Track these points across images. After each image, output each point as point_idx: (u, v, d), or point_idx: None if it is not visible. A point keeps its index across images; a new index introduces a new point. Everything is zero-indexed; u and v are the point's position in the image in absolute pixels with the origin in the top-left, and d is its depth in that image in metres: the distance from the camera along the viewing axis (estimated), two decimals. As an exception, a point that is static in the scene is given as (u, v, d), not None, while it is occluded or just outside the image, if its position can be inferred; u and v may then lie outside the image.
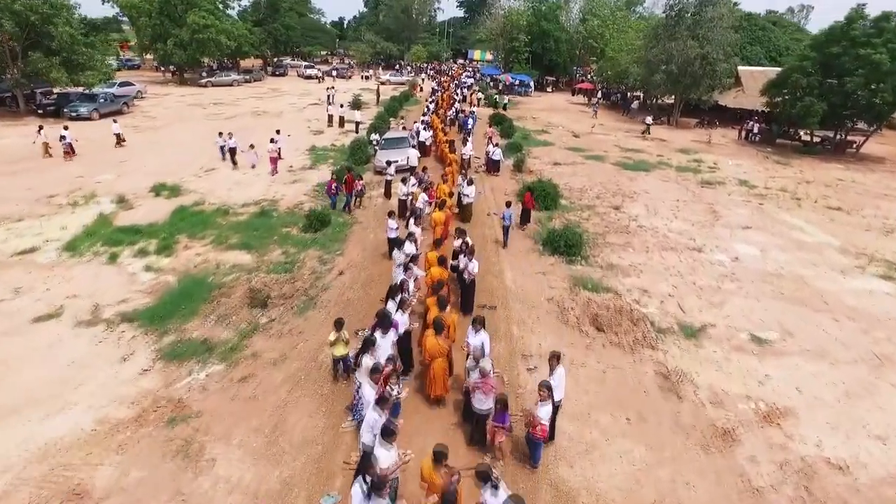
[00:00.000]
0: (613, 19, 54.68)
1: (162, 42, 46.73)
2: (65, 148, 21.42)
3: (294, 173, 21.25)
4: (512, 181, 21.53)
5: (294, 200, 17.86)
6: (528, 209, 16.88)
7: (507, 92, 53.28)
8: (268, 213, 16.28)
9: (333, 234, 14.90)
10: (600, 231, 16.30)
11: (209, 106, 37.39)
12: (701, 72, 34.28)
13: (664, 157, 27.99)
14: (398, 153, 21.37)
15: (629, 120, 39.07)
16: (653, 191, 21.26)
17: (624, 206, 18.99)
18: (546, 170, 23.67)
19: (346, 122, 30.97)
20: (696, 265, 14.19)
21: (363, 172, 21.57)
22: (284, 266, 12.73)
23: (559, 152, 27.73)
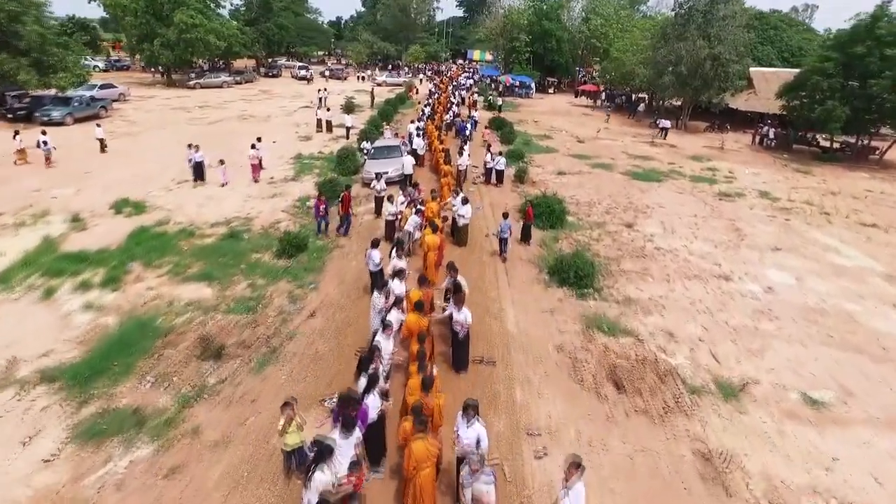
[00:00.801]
0: (617, 18, 52.84)
1: (148, 42, 44.87)
2: (45, 154, 20.05)
3: (274, 185, 19.40)
4: (513, 194, 19.68)
5: (270, 218, 16.01)
6: (528, 224, 15.12)
7: (508, 94, 51.51)
8: (238, 235, 14.41)
9: (310, 261, 13.04)
10: (613, 255, 14.44)
11: (194, 109, 35.53)
12: (712, 73, 32.43)
13: (676, 165, 26.13)
14: (389, 163, 19.52)
15: (636, 123, 37.24)
16: (668, 204, 19.40)
17: (638, 223, 17.14)
18: (550, 180, 21.83)
19: (337, 127, 29.10)
20: (726, 298, 12.33)
21: (350, 185, 19.82)
22: (247, 304, 10.88)
23: (563, 160, 25.88)
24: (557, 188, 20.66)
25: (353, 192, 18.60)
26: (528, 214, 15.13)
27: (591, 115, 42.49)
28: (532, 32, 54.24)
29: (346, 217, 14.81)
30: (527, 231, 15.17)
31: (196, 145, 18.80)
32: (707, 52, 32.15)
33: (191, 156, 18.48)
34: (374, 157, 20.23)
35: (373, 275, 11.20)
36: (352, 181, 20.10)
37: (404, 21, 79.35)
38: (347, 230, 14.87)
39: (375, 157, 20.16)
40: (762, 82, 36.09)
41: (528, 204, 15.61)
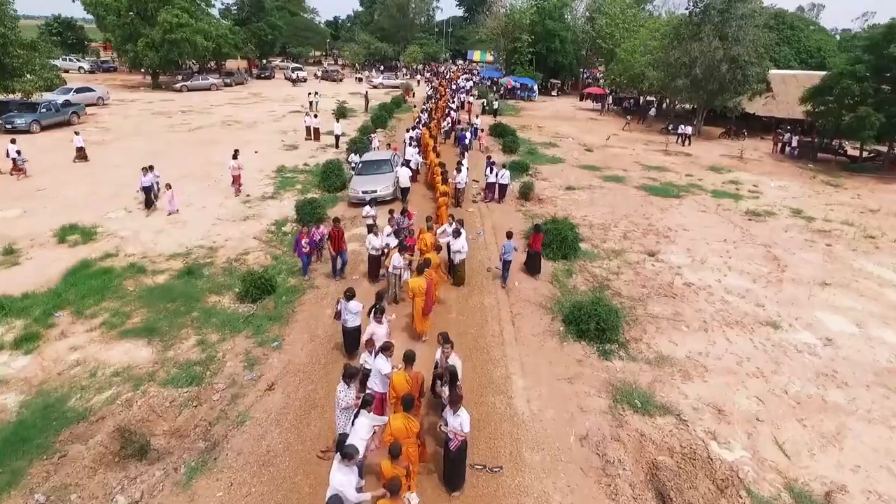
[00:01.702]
0: (623, 18, 50.59)
1: (132, 43, 42.72)
2: (18, 164, 18.65)
3: (249, 205, 17.25)
4: (518, 214, 17.52)
5: (239, 248, 13.86)
6: (536, 253, 12.94)
7: (509, 96, 49.38)
8: (196, 272, 12.26)
9: (277, 307, 10.88)
10: (637, 294, 12.29)
11: (176, 115, 33.38)
12: (729, 76, 30.25)
13: (694, 177, 23.96)
14: (378, 180, 17.40)
15: (647, 130, 35.07)
16: (691, 226, 17.25)
17: (661, 251, 14.98)
18: (559, 197, 19.68)
19: (326, 135, 26.94)
20: (779, 354, 10.17)
21: (335, 203, 17.70)
22: (192, 371, 8.73)
23: (572, 171, 23.72)
24: (567, 207, 18.58)
25: (339, 212, 16.64)
26: (534, 242, 12.87)
27: (599, 119, 40.32)
28: (535, 32, 52.07)
29: (339, 255, 11.95)
30: (534, 261, 13.03)
31: (149, 167, 16.06)
32: (723, 53, 29.99)
33: (141, 179, 15.78)
34: (362, 172, 18.06)
35: (347, 333, 9.06)
36: (336, 199, 18.02)
37: (402, 21, 77.26)
38: (342, 270, 12.23)
39: (363, 173, 18.00)
40: (780, 85, 33.94)
41: (534, 230, 13.36)
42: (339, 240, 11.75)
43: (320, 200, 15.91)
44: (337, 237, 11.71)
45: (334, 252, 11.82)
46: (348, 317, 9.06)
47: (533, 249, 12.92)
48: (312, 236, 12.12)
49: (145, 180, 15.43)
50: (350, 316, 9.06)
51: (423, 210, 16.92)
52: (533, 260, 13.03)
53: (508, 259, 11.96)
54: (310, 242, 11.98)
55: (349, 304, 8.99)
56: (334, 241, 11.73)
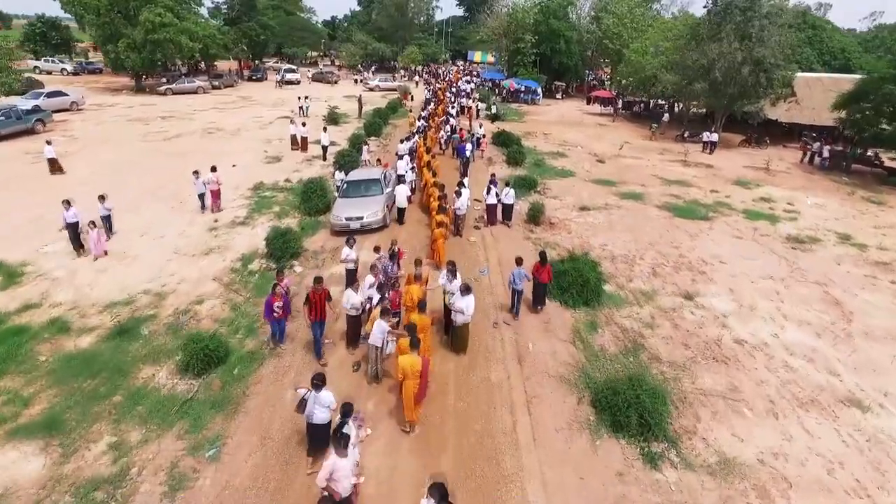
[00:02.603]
0: (632, 17, 48.19)
1: (113, 43, 40.32)
2: None
3: (216, 232, 14.84)
4: (527, 243, 15.10)
5: (193, 293, 11.46)
6: (542, 284, 11.01)
7: (512, 99, 46.98)
8: (133, 331, 9.87)
9: (226, 386, 8.48)
10: (681, 357, 9.89)
11: (155, 121, 30.97)
12: (752, 79, 27.83)
13: (720, 193, 21.54)
14: (365, 204, 14.99)
15: (660, 137, 32.62)
16: (728, 257, 14.84)
17: (699, 292, 12.59)
18: (572, 220, 17.28)
19: (314, 143, 24.52)
20: (878, 455, 7.77)
21: (316, 230, 15.28)
22: (90, 499, 6.34)
23: (584, 187, 21.31)
24: (583, 232, 16.18)
25: (320, 241, 14.26)
26: (540, 273, 10.87)
27: (608, 125, 37.88)
28: (538, 32, 49.62)
29: (319, 325, 8.98)
30: (539, 294, 11.20)
31: (68, 200, 12.90)
32: (746, 54, 27.58)
33: (64, 215, 12.67)
34: (347, 194, 15.64)
35: (313, 430, 6.72)
36: (320, 224, 15.61)
37: (401, 21, 74.84)
38: (320, 351, 9.18)
39: (348, 195, 15.58)
40: (805, 89, 31.54)
41: (539, 261, 11.05)
42: (320, 306, 8.82)
43: (295, 233, 13.44)
44: (318, 303, 8.78)
45: (312, 320, 8.83)
46: (316, 410, 6.73)
47: (539, 281, 11.00)
48: (286, 297, 9.49)
49: (68, 215, 12.56)
50: (319, 410, 6.72)
51: (416, 241, 14.55)
52: (538, 292, 11.20)
53: (518, 289, 10.74)
54: (285, 306, 9.28)
55: (320, 396, 6.68)
56: (314, 307, 8.76)
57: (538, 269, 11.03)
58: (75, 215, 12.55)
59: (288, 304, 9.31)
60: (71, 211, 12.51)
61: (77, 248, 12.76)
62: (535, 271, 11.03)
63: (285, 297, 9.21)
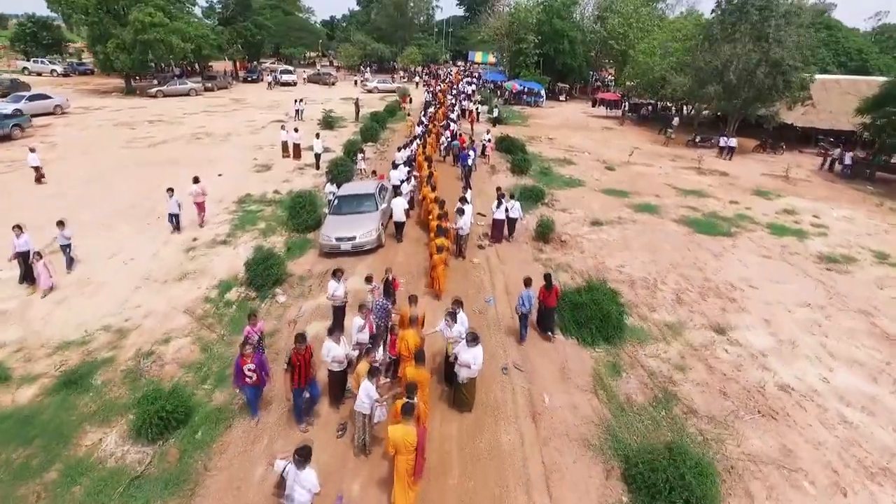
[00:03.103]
0: (637, 16, 46.81)
1: (102, 44, 38.92)
2: None
3: (193, 253, 13.45)
4: (536, 264, 13.69)
5: (159, 329, 10.07)
6: (550, 308, 9.98)
7: (514, 102, 45.59)
8: (83, 381, 8.48)
9: (184, 456, 7.09)
10: (719, 409, 8.52)
11: (142, 125, 29.57)
12: (768, 82, 26.44)
13: (740, 204, 20.15)
14: (357, 223, 13.58)
15: (671, 141, 31.16)
16: (758, 280, 13.45)
17: (731, 324, 11.21)
18: (584, 236, 15.89)
19: (307, 150, 23.12)
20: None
21: (304, 250, 13.88)
22: None
23: (595, 198, 19.93)
24: (596, 252, 14.80)
25: (307, 264, 12.87)
26: (547, 297, 9.97)
27: (615, 129, 36.50)
28: (541, 32, 48.24)
29: (308, 388, 7.44)
30: (547, 319, 10.18)
31: (19, 226, 11.26)
32: (762, 55, 26.22)
33: (14, 243, 11.13)
34: (338, 211, 14.22)
35: None
36: (308, 244, 14.19)
37: (400, 20, 73.44)
38: (311, 410, 7.71)
39: (339, 212, 14.16)
40: (821, 92, 30.17)
41: (546, 284, 10.00)
42: (304, 370, 7.17)
43: (277, 257, 12.01)
44: (302, 367, 7.12)
45: (295, 386, 7.22)
46: (296, 492, 5.38)
47: (546, 305, 10.10)
48: (260, 355, 7.76)
49: (19, 243, 11.03)
50: (299, 492, 5.37)
51: (414, 263, 13.15)
52: (546, 317, 10.23)
53: (525, 312, 9.87)
54: (259, 367, 7.31)
55: (301, 475, 5.35)
56: (298, 371, 7.10)
57: (544, 294, 10.04)
58: (26, 243, 11.08)
59: (264, 364, 7.60)
60: (22, 238, 11.05)
61: (27, 280, 11.26)
62: (542, 296, 10.05)
63: (259, 355, 7.51)
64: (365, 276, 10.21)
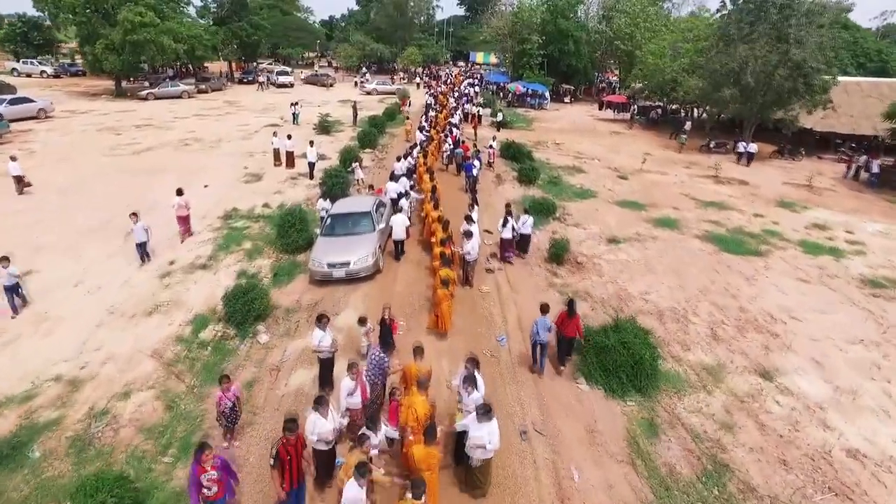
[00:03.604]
0: (645, 16, 45.37)
1: (90, 45, 37.52)
2: None
3: (168, 279, 12.03)
4: (551, 291, 12.28)
5: (119, 380, 8.66)
6: (570, 338, 9.19)
7: (518, 104, 44.16)
8: (18, 453, 7.06)
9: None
10: (782, 488, 7.12)
11: (128, 130, 28.15)
12: (789, 85, 25.01)
13: (766, 218, 18.72)
14: (353, 246, 12.13)
15: (685, 147, 29.66)
16: (799, 310, 12.03)
17: (777, 367, 9.80)
18: (601, 257, 14.46)
19: (308, 161, 21.66)
20: None
21: (293, 276, 12.47)
22: None
23: (609, 211, 18.51)
24: (616, 275, 13.39)
25: (296, 293, 11.48)
26: (566, 325, 9.01)
27: (623, 133, 35.06)
28: (545, 32, 46.76)
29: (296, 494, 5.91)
30: (566, 349, 9.34)
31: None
32: (781, 56, 24.80)
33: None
34: (331, 232, 12.78)
35: None
36: (298, 269, 12.74)
37: (400, 20, 71.88)
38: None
39: (332, 233, 12.72)
40: (842, 95, 28.71)
41: (567, 311, 9.01)
42: (296, 466, 5.72)
43: (260, 289, 10.56)
44: (294, 461, 5.67)
45: (287, 489, 5.73)
46: None
47: (566, 336, 9.15)
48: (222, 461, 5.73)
49: None
50: None
51: (415, 293, 11.70)
52: (564, 347, 9.35)
53: (542, 341, 8.98)
54: (223, 471, 5.64)
55: None
56: (288, 469, 5.67)
57: (564, 321, 9.03)
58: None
59: (228, 467, 5.79)
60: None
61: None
62: (561, 323, 9.05)
63: (221, 461, 5.65)
64: (358, 316, 8.83)
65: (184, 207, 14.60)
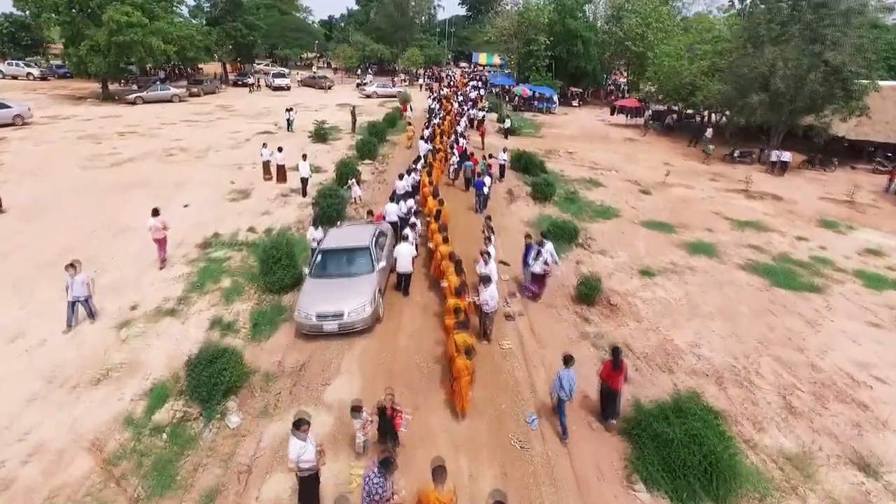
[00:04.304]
0: (657, 16, 43.39)
1: (74, 46, 35.54)
2: None
3: (126, 334, 10.03)
4: (583, 344, 10.30)
5: (41, 489, 6.67)
6: (613, 391, 7.91)
7: (524, 108, 42.18)
8: None
9: None
10: None
11: (110, 138, 26.16)
12: (825, 90, 23.04)
13: (811, 242, 16.75)
14: (348, 291, 10.11)
15: (707, 157, 27.57)
16: (883, 367, 10.07)
17: (879, 457, 7.82)
18: (636, 295, 12.49)
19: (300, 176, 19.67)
20: None
21: (275, 326, 10.51)
22: None
23: (635, 234, 16.54)
24: (657, 319, 11.44)
25: (278, 351, 9.52)
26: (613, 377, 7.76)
27: (638, 140, 33.07)
28: (553, 33, 44.77)
29: None
30: (612, 402, 8.02)
31: None
32: (813, 60, 22.84)
33: None
34: (321, 271, 10.75)
35: None
36: (283, 313, 10.75)
37: (401, 20, 69.89)
38: None
39: (323, 274, 10.70)
40: (877, 101, 26.65)
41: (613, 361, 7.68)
42: None
43: (232, 355, 8.50)
44: None
45: None
46: None
47: (611, 387, 7.91)
48: None
49: None
50: None
51: (421, 355, 9.65)
52: (611, 400, 8.03)
53: (564, 399, 7.65)
54: None
55: None
56: None
57: (609, 373, 7.79)
58: None
59: None
60: None
61: None
62: (606, 375, 7.85)
63: None
64: (351, 403, 6.86)
65: (160, 230, 12.74)
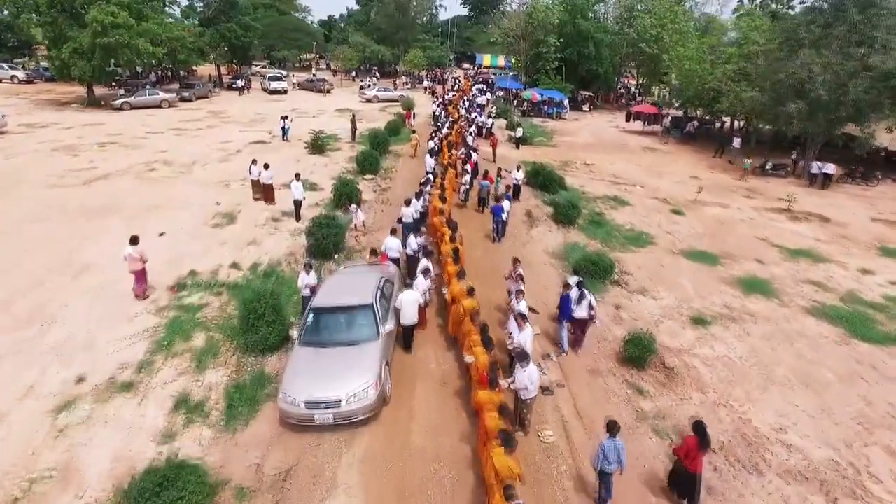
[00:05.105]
0: (672, 16, 41.31)
1: (57, 48, 33.43)
2: None
3: (64, 421, 7.90)
4: (641, 427, 8.19)
5: None
6: (692, 475, 6.46)
7: (533, 113, 40.07)
8: None
9: None
10: None
11: (87, 151, 24.00)
12: (872, 98, 20.95)
13: (878, 276, 14.63)
14: (344, 368, 7.96)
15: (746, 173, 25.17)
16: None
17: None
18: (693, 352, 10.37)
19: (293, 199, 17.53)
20: None
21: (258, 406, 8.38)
22: None
23: (675, 266, 14.43)
24: (725, 389, 9.30)
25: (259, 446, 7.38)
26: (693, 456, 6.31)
27: (659, 149, 30.93)
28: (563, 34, 42.67)
29: None
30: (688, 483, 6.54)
31: None
32: (860, 64, 20.78)
33: None
34: (313, 338, 8.52)
35: None
36: (266, 384, 8.61)
37: (402, 21, 67.80)
38: None
39: (314, 341, 8.46)
40: (920, 108, 24.52)
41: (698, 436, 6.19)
42: None
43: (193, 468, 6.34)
44: None
45: None
46: None
47: (688, 470, 6.45)
48: None
49: None
50: None
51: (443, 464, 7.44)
52: (686, 480, 6.58)
53: (608, 470, 6.36)
54: None
55: None
56: None
57: (688, 451, 6.39)
58: None
59: None
60: None
61: None
62: (684, 453, 6.45)
63: None
64: None
65: (137, 261, 10.90)
